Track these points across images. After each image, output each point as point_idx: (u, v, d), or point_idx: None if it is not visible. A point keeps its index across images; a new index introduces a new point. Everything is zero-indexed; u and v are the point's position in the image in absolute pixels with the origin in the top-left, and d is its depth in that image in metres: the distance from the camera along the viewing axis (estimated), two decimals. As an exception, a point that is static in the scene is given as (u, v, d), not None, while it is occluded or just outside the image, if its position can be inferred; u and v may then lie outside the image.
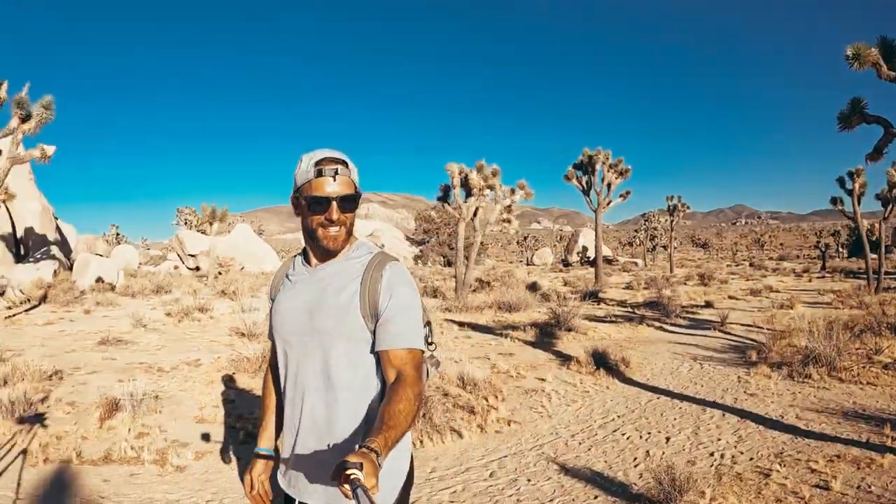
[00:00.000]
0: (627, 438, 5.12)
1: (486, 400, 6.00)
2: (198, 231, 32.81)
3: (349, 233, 1.74)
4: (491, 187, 18.67)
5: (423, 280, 26.96)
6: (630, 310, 14.39)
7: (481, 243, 49.05)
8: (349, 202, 1.69)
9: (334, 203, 1.66)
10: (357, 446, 1.30)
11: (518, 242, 70.89)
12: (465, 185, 18.83)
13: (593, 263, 26.52)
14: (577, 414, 5.90)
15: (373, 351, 1.68)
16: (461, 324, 12.03)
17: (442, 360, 7.08)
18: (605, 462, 4.59)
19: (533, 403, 6.23)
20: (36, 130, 12.57)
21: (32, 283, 18.31)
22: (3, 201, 15.06)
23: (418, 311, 1.71)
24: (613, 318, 12.63)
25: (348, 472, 1.17)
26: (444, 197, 19.44)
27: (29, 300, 15.70)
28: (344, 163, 1.69)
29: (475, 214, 18.88)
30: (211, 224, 24.16)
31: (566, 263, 48.89)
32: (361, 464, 1.19)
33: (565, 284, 24.47)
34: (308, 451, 1.69)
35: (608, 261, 44.49)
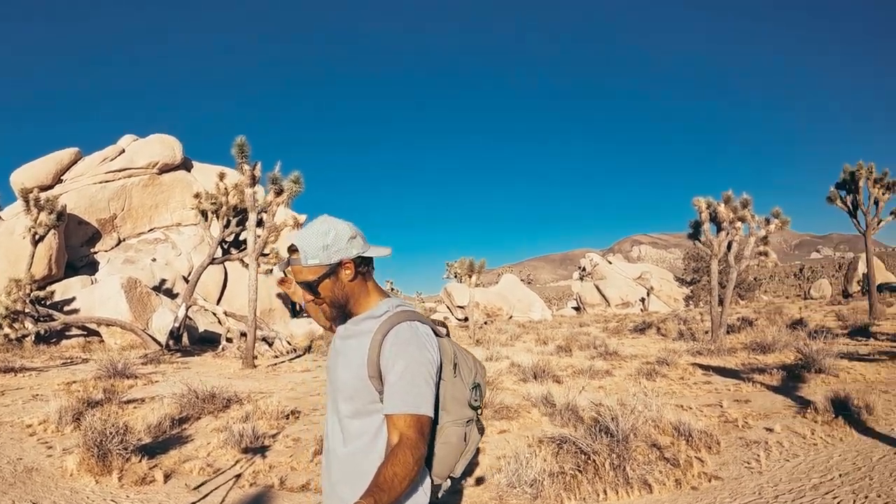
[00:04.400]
0: (838, 503, 4.16)
1: (699, 451, 5.54)
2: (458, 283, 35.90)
3: (333, 304, 1.77)
4: (742, 219, 17.16)
5: (688, 322, 24.94)
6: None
7: (754, 279, 43.89)
8: (308, 287, 1.74)
9: (300, 289, 1.79)
10: None
11: (795, 275, 62.35)
12: (715, 219, 17.74)
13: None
14: (793, 471, 5.04)
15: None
16: (706, 367, 11.11)
17: (669, 406, 6.60)
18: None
19: (748, 457, 5.53)
20: (288, 202, 14.37)
21: (304, 334, 21.29)
22: (275, 265, 16.71)
23: (423, 375, 1.62)
24: (877, 357, 10.44)
25: None
26: (695, 233, 18.53)
27: (295, 350, 17.45)
28: (295, 249, 1.74)
29: (729, 249, 17.49)
30: (469, 276, 25.62)
31: (846, 294, 42.07)
32: None
33: (838, 319, 20.87)
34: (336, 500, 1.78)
35: (893, 289, 37.61)
